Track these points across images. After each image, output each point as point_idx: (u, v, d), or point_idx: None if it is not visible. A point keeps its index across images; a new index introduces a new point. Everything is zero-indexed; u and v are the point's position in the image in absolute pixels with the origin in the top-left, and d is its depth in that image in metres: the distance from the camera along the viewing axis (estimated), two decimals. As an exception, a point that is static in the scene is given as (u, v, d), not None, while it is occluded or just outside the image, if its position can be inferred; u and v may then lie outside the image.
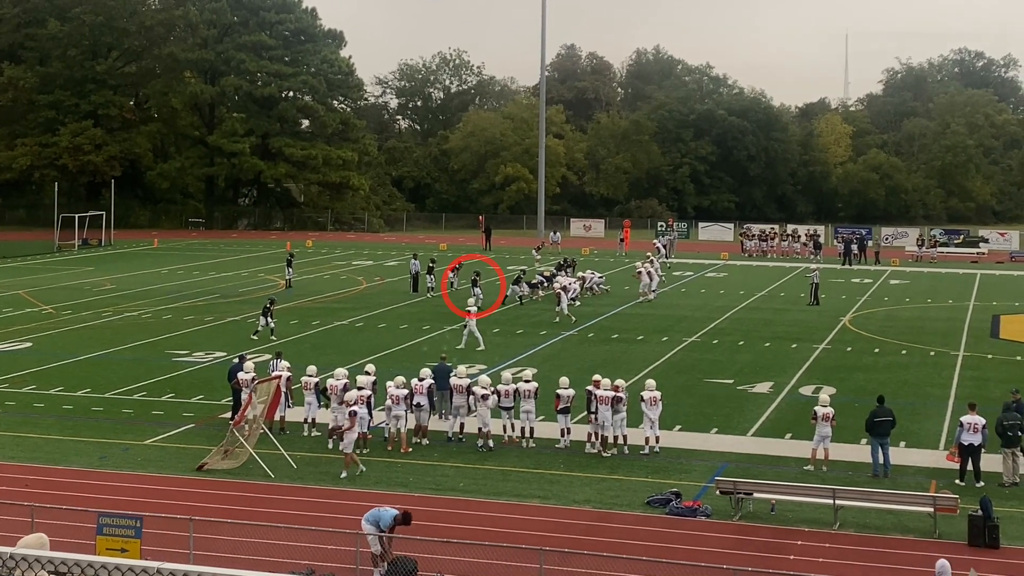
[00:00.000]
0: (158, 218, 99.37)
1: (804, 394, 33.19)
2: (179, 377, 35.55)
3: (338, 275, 63.18)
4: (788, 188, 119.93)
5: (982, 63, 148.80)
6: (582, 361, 37.37)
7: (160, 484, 24.71)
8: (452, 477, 25.22)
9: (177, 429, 29.20)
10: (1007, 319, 48.62)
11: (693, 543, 21.19)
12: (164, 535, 19.83)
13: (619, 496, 23.94)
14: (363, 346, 40.01)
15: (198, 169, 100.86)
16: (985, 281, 63.20)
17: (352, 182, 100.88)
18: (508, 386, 27.98)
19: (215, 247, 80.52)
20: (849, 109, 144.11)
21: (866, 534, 21.80)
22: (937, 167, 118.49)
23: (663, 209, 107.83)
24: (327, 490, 24.26)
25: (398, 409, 26.95)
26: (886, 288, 59.61)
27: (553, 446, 27.42)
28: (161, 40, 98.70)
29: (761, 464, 26.16)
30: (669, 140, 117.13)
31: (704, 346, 41.59)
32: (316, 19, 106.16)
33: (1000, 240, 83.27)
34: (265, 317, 42.05)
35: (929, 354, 40.22)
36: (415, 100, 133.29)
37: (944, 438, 28.25)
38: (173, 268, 65.77)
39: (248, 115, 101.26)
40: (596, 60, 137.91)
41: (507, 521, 22.32)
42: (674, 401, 30.77)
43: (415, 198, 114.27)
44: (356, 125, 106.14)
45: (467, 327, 40.29)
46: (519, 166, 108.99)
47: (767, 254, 77.71)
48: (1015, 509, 22.93)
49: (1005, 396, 32.62)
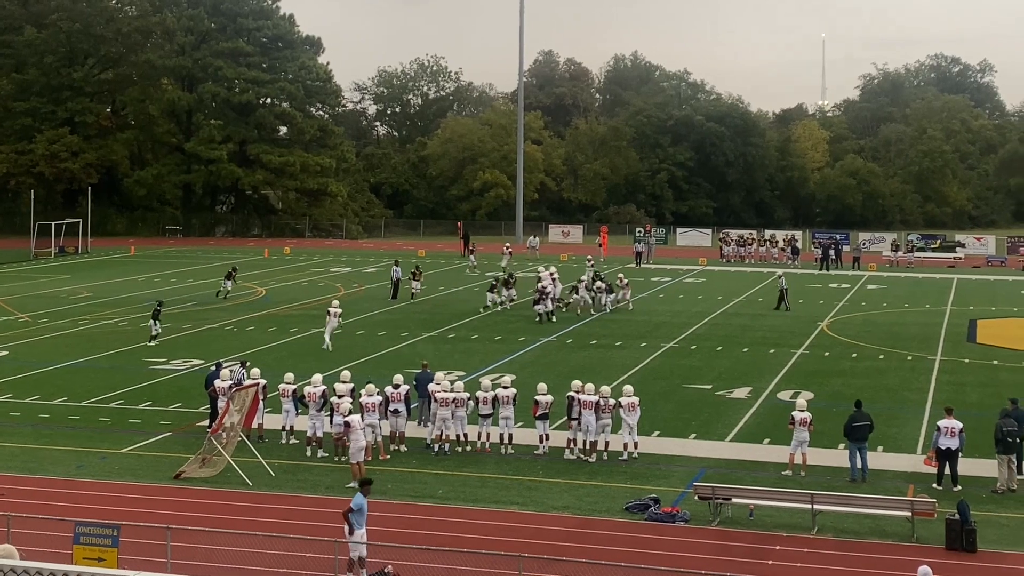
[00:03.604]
0: (135, 226, 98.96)
1: (782, 399, 33.27)
2: (156, 385, 35.38)
3: (316, 282, 63.03)
4: (766, 194, 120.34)
5: (958, 69, 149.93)
6: (561, 367, 37.39)
7: (137, 493, 24.57)
8: (431, 484, 25.17)
9: (154, 437, 29.08)
10: (984, 323, 48.87)
11: (672, 549, 21.20)
12: (141, 544, 19.72)
13: (598, 502, 23.93)
14: (341, 353, 39.90)
15: (175, 176, 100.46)
16: (962, 286, 63.53)
17: (330, 189, 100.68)
18: (487, 393, 27.95)
19: (192, 255, 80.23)
20: (826, 115, 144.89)
21: (844, 539, 21.86)
22: (914, 172, 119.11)
23: (641, 215, 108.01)
24: (305, 498, 24.17)
25: (371, 417, 26.84)
26: (864, 293, 59.85)
27: (532, 452, 27.41)
28: (138, 47, 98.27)
29: (739, 469, 26.20)
30: (647, 146, 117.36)
31: (682, 352, 41.66)
32: (294, 26, 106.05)
33: (976, 245, 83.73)
34: (155, 320, 42.45)
35: (906, 359, 40.37)
36: (393, 106, 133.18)
37: (921, 442, 28.37)
38: (150, 276, 65.50)
39: (225, 122, 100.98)
40: (574, 66, 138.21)
41: (486, 528, 22.29)
42: (652, 407, 30.80)
43: (393, 204, 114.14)
44: (334, 132, 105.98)
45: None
46: (497, 172, 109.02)
47: (745, 259, 77.92)
48: (992, 513, 23.03)
49: (982, 400, 33.06)
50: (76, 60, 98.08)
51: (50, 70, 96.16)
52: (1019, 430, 25.01)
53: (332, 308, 42.95)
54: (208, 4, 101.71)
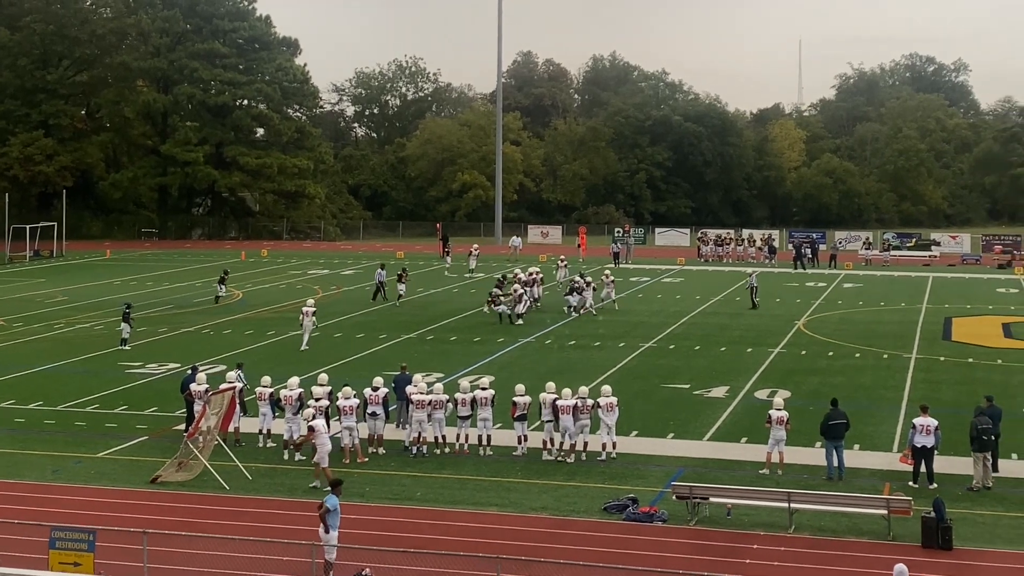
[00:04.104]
0: (110, 229, 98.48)
1: (759, 398, 33.36)
2: (132, 389, 35.22)
3: (294, 284, 62.87)
4: (743, 193, 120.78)
5: (933, 68, 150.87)
6: (539, 368, 37.40)
7: (113, 497, 24.46)
8: (409, 486, 25.13)
9: (130, 441, 28.94)
10: (959, 321, 49.14)
11: (650, 549, 21.23)
12: (118, 548, 19.63)
13: (576, 503, 23.94)
14: (319, 356, 39.80)
15: (151, 179, 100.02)
16: (937, 284, 63.86)
17: (308, 191, 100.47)
18: (465, 394, 27.94)
19: (168, 258, 79.93)
20: (803, 114, 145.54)
21: (821, 537, 21.93)
22: (889, 171, 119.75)
23: (620, 215, 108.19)
24: (282, 501, 24.11)
25: (348, 420, 26.80)
26: (840, 292, 60.10)
27: (510, 454, 27.40)
28: (113, 49, 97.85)
29: (717, 468, 26.25)
30: (626, 146, 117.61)
31: (660, 351, 41.73)
32: (270, 27, 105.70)
33: (952, 243, 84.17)
34: (126, 323, 42.16)
35: (882, 357, 40.55)
36: (371, 108, 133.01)
37: (897, 440, 28.48)
38: (126, 279, 65.21)
39: (202, 124, 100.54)
40: (553, 67, 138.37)
41: (464, 530, 22.27)
42: (631, 407, 30.81)
43: (372, 206, 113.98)
44: (311, 133, 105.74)
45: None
46: (476, 173, 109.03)
47: (723, 259, 78.15)
48: (968, 511, 23.13)
49: (957, 398, 33.21)
50: (50, 62, 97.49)
51: (24, 72, 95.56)
52: (994, 428, 25.14)
53: (306, 307, 42.90)
54: (184, 5, 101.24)
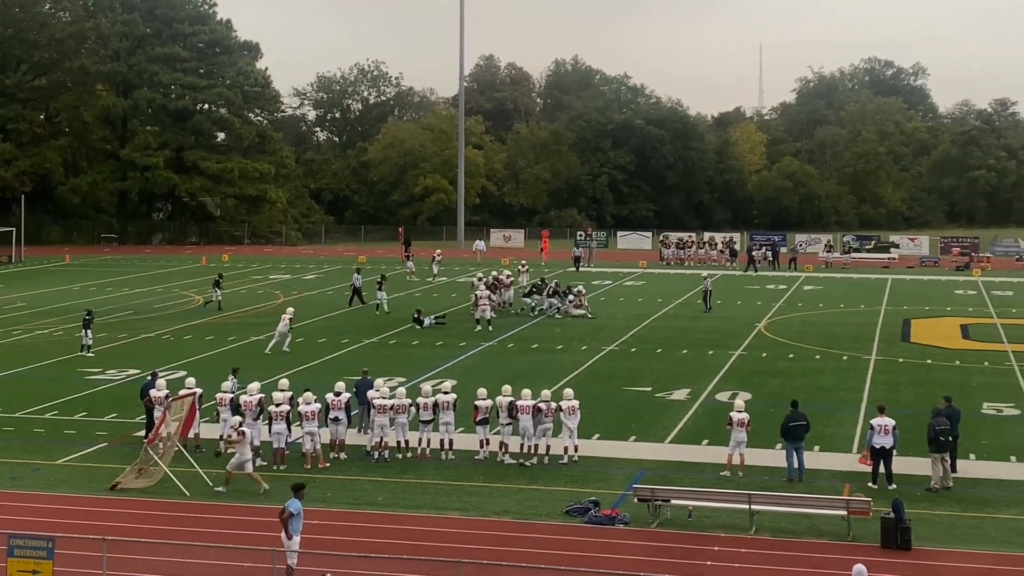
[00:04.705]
0: (70, 234, 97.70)
1: (720, 400, 33.53)
2: (92, 395, 34.94)
3: (255, 289, 62.58)
4: (705, 196, 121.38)
5: (892, 72, 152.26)
6: (502, 372, 37.38)
7: (73, 504, 24.26)
8: (370, 491, 25.08)
9: (90, 448, 28.72)
10: (917, 323, 49.58)
11: (611, 551, 21.29)
12: (77, 556, 19.49)
13: (538, 506, 23.97)
14: (280, 361, 39.65)
15: (111, 184, 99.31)
16: (896, 286, 64.40)
17: (269, 195, 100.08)
18: (427, 399, 27.90)
19: (128, 263, 79.37)
20: (763, 118, 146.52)
21: (781, 538, 22.06)
22: (849, 174, 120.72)
23: (582, 218, 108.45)
24: (243, 507, 23.99)
25: (310, 425, 26.73)
26: (800, 294, 60.51)
27: (472, 458, 27.40)
28: (72, 53, 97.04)
29: (678, 471, 26.36)
30: (588, 150, 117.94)
31: (622, 354, 41.86)
32: (231, 31, 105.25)
33: (910, 245, 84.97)
34: (87, 330, 41.67)
35: (842, 359, 40.86)
36: (333, 112, 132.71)
37: (857, 441, 28.69)
38: (85, 285, 64.70)
39: (162, 128, 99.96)
40: (515, 71, 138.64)
41: (426, 534, 22.25)
42: (593, 410, 30.85)
43: (334, 210, 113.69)
44: (273, 137, 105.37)
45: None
46: (439, 177, 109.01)
47: (684, 262, 78.49)
48: (926, 511, 23.33)
49: (916, 399, 33.50)
50: (8, 66, 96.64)
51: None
52: (952, 429, 25.37)
53: (285, 314, 42.98)
54: (143, 9, 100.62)
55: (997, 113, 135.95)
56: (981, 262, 75.30)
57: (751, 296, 58.85)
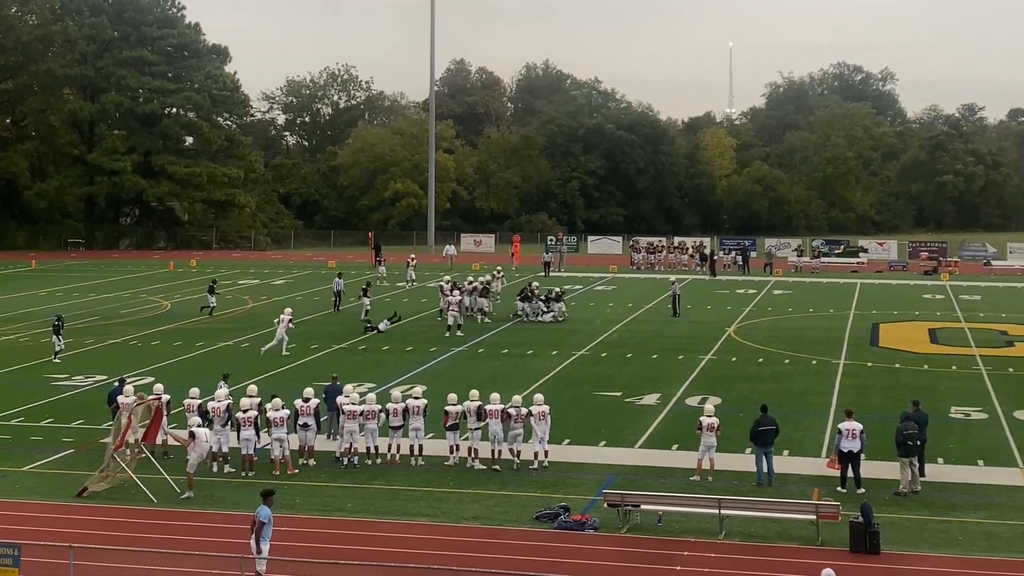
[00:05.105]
0: (36, 239, 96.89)
1: (690, 405, 33.57)
2: (58, 402, 34.66)
3: (223, 295, 62.17)
4: (675, 201, 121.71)
5: (860, 77, 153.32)
6: (472, 377, 37.28)
7: (39, 511, 24.05)
8: (340, 497, 24.96)
9: (56, 455, 28.47)
10: (886, 327, 49.83)
11: (581, 557, 21.26)
12: (44, 563, 19.33)
13: (508, 512, 23.92)
14: (249, 366, 39.42)
15: (77, 188, 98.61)
16: (865, 290, 64.73)
17: (238, 200, 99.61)
18: (398, 404, 27.80)
19: (96, 268, 78.79)
20: (733, 122, 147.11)
21: (751, 543, 22.09)
22: (818, 179, 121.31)
23: (553, 223, 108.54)
24: (211, 514, 23.83)
25: (279, 431, 26.59)
26: (770, 298, 60.71)
27: (442, 464, 27.32)
28: (39, 56, 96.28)
29: (648, 476, 26.37)
30: (559, 154, 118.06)
31: (593, 359, 41.87)
32: (200, 34, 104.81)
33: (879, 250, 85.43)
34: (57, 336, 41.45)
35: (811, 363, 41.00)
36: (303, 116, 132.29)
37: (826, 446, 28.77)
38: (52, 290, 64.19)
39: (129, 132, 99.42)
40: (486, 75, 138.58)
41: (396, 540, 22.14)
42: (563, 415, 30.86)
43: (303, 215, 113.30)
44: (242, 142, 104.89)
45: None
46: (409, 182, 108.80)
47: (655, 267, 78.63)
48: (895, 515, 23.42)
49: (885, 403, 33.64)
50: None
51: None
52: (920, 433, 25.48)
53: (284, 315, 43.23)
54: (111, 12, 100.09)
55: (965, 118, 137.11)
56: (949, 266, 75.77)
57: (721, 301, 59.02)
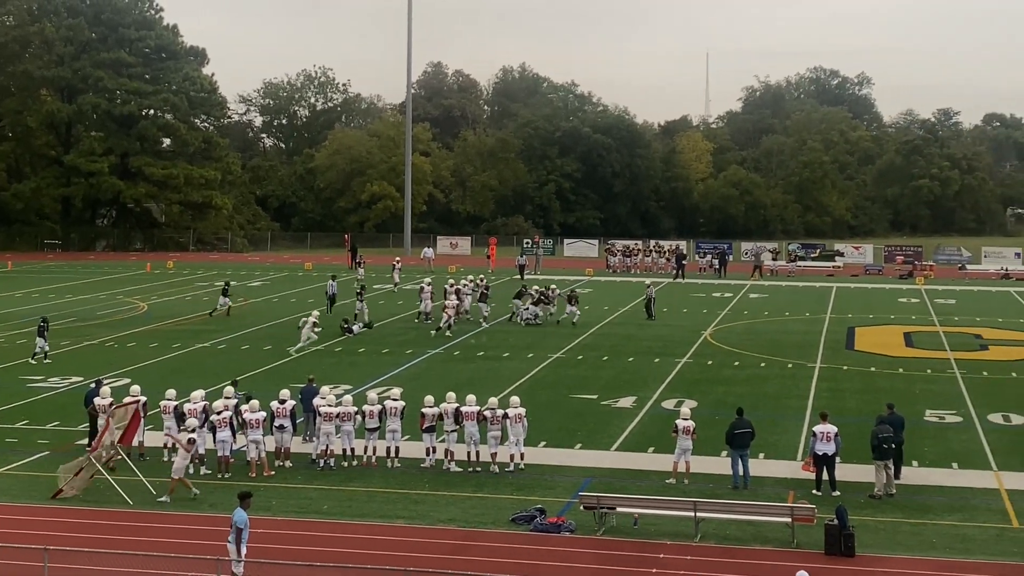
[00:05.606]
0: (12, 240, 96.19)
1: (666, 408, 33.69)
2: (33, 403, 34.50)
3: (200, 296, 62.03)
4: (651, 204, 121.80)
5: (837, 81, 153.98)
6: (448, 379, 37.31)
7: (14, 513, 23.94)
8: (316, 500, 24.96)
9: (31, 457, 28.34)
10: (861, 331, 50.11)
11: (557, 559, 21.33)
12: (18, 566, 19.30)
13: (484, 514, 23.96)
14: (226, 368, 39.33)
15: (54, 189, 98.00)
16: (841, 294, 65.06)
17: (215, 201, 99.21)
18: (374, 406, 27.81)
19: (72, 269, 78.41)
20: (710, 126, 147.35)
21: (726, 545, 22.19)
22: (795, 183, 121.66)
23: (529, 226, 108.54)
24: (187, 516, 23.78)
25: (255, 433, 26.56)
26: (746, 302, 60.94)
27: (419, 466, 27.34)
28: (15, 57, 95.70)
29: (624, 478, 26.45)
30: (535, 157, 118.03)
31: (569, 362, 41.95)
32: (178, 36, 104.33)
33: (855, 254, 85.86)
34: (42, 337, 41.24)
35: (787, 366, 41.20)
36: (280, 118, 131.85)
37: (801, 448, 28.90)
38: (28, 291, 63.84)
39: (107, 134, 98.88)
40: (462, 78, 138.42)
41: (372, 543, 22.16)
42: (539, 417, 30.88)
43: (280, 217, 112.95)
44: (219, 143, 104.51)
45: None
46: (386, 184, 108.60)
47: (631, 270, 78.79)
48: (870, 518, 23.57)
49: (860, 406, 33.82)
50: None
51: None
52: (896, 436, 25.65)
53: (310, 318, 43.87)
54: (89, 14, 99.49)
55: (940, 123, 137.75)
56: (924, 270, 76.22)
57: (697, 304, 59.22)
